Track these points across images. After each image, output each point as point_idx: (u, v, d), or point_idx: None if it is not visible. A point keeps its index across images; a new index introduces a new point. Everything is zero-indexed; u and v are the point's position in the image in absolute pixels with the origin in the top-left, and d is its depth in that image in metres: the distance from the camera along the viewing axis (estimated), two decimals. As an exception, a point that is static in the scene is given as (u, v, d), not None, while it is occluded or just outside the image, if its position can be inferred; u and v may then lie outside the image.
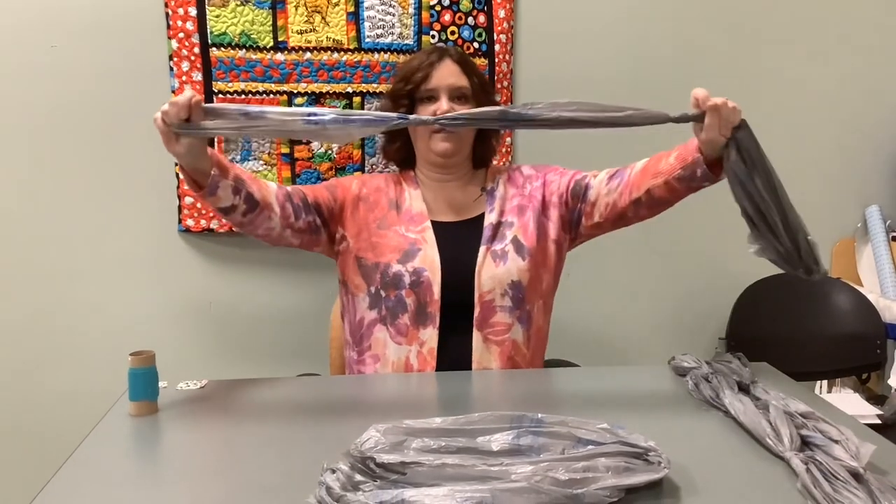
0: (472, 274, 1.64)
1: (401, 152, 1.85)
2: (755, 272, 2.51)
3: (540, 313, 1.72)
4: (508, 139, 2.33)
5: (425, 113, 1.70)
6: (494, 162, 1.94)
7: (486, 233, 1.71)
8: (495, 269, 1.65)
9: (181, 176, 2.14)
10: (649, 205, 1.63)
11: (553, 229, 1.75)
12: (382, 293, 1.65)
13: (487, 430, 1.06)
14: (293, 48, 2.15)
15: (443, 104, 1.71)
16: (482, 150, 1.84)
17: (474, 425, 1.07)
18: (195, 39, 2.10)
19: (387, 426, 1.04)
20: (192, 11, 2.09)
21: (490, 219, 1.73)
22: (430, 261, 1.64)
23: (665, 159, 1.58)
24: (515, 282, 1.65)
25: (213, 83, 2.12)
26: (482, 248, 1.68)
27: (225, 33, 2.11)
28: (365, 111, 1.80)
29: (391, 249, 1.67)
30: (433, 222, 1.72)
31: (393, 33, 2.20)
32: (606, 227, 1.75)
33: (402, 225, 1.71)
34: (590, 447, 1.04)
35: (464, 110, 1.56)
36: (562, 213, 1.76)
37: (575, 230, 1.78)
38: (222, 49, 2.11)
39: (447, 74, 1.73)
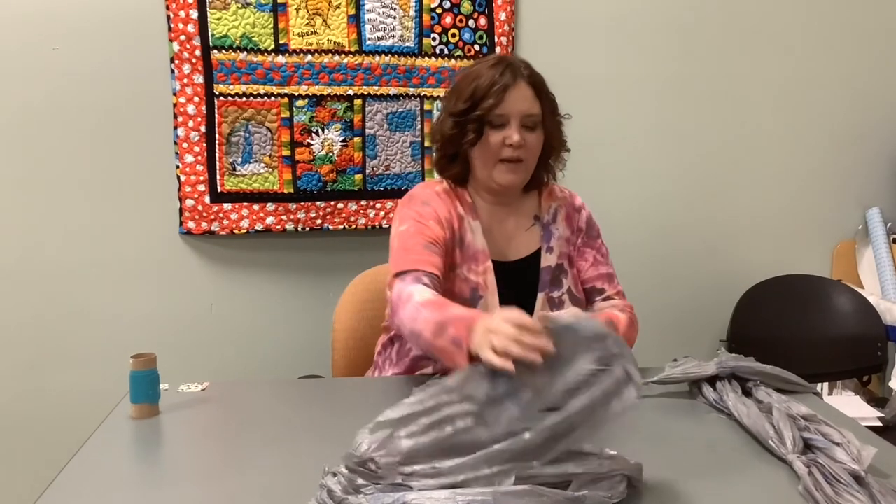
0: None
1: (458, 170, 1.64)
2: (756, 274, 2.52)
3: None
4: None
5: (494, 139, 1.54)
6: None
7: (544, 277, 1.60)
8: None
9: (181, 178, 2.14)
10: None
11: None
12: None
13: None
14: (294, 51, 2.15)
15: (514, 135, 1.54)
16: (542, 172, 1.68)
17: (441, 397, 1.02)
18: (196, 42, 2.11)
19: (371, 425, 1.02)
20: (194, 14, 2.09)
21: (548, 261, 1.62)
22: (490, 311, 1.44)
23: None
24: None
25: (215, 86, 2.12)
26: (540, 296, 1.59)
27: (226, 36, 2.11)
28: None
29: (452, 296, 1.49)
30: (493, 262, 1.58)
31: (394, 36, 2.21)
32: None
33: (465, 265, 1.56)
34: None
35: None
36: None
37: None
38: (223, 52, 2.12)
39: (521, 99, 1.56)
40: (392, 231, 1.58)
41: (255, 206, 2.20)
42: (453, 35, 2.25)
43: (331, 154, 2.21)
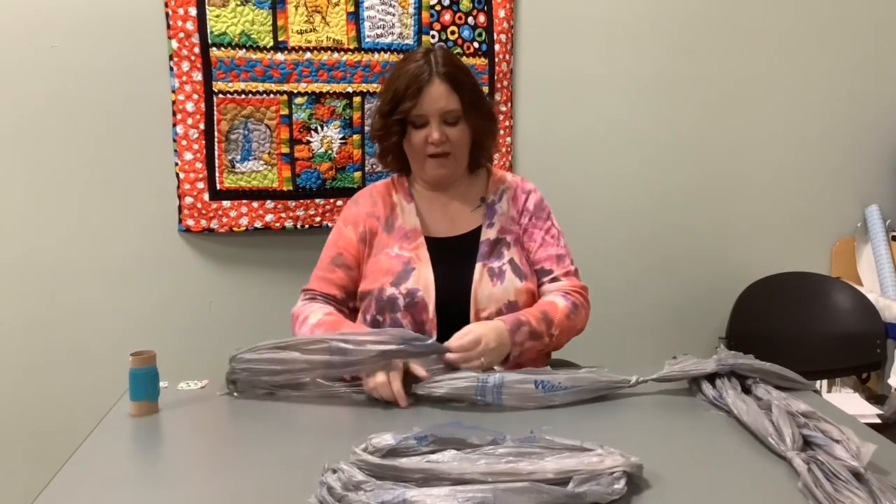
0: (467, 291, 1.61)
1: (396, 163, 1.77)
2: (755, 272, 2.52)
3: None
4: (508, 139, 2.33)
5: (417, 139, 1.64)
6: (497, 165, 1.89)
7: (483, 248, 1.66)
8: (492, 288, 1.61)
9: (180, 176, 2.14)
10: None
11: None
12: (379, 318, 1.62)
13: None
14: (293, 48, 2.15)
15: (433, 133, 1.62)
16: (477, 154, 1.75)
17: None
18: (195, 39, 2.10)
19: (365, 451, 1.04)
20: (193, 11, 2.09)
21: (488, 234, 1.68)
22: (424, 280, 1.60)
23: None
24: (512, 302, 1.61)
25: (213, 83, 2.12)
26: (478, 265, 1.64)
27: (225, 33, 2.11)
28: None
29: (383, 273, 1.63)
30: (427, 238, 1.68)
31: (393, 33, 2.20)
32: None
33: (396, 244, 1.67)
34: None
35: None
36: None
37: None
38: (222, 49, 2.11)
39: (436, 98, 1.61)
40: None
41: (255, 204, 2.20)
42: (452, 32, 2.25)
43: (330, 151, 2.21)
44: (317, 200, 2.23)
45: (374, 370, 1.37)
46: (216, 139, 2.15)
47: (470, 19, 2.25)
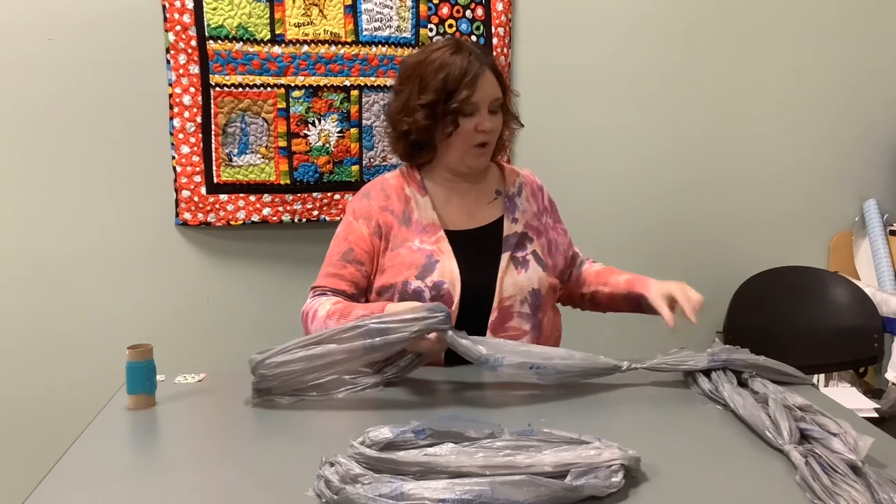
0: (493, 281, 1.61)
1: (421, 154, 1.71)
2: (753, 266, 2.52)
3: (550, 324, 1.71)
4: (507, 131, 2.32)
5: (468, 127, 1.61)
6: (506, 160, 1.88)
7: (510, 241, 1.66)
8: (517, 276, 1.63)
9: (177, 169, 2.13)
10: (592, 302, 1.83)
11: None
12: None
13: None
14: (291, 41, 2.14)
15: (486, 122, 1.62)
16: (497, 148, 1.74)
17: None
18: (192, 32, 2.10)
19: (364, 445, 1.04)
20: (189, 4, 2.08)
21: (514, 228, 1.68)
22: (449, 273, 1.59)
23: (616, 276, 1.76)
24: (535, 290, 1.63)
25: (210, 76, 2.11)
26: (505, 255, 1.64)
27: (222, 26, 2.10)
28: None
29: (407, 266, 1.60)
30: (446, 231, 1.65)
31: (391, 26, 2.20)
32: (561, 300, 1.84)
33: (416, 238, 1.64)
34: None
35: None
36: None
37: None
38: (219, 42, 2.11)
39: (489, 87, 1.62)
40: None
41: (252, 198, 2.19)
42: (450, 26, 2.24)
43: (327, 145, 2.20)
44: (314, 194, 2.22)
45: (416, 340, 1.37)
46: (213, 132, 2.14)
47: (468, 13, 2.25)
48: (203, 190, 2.17)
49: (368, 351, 1.34)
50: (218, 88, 2.12)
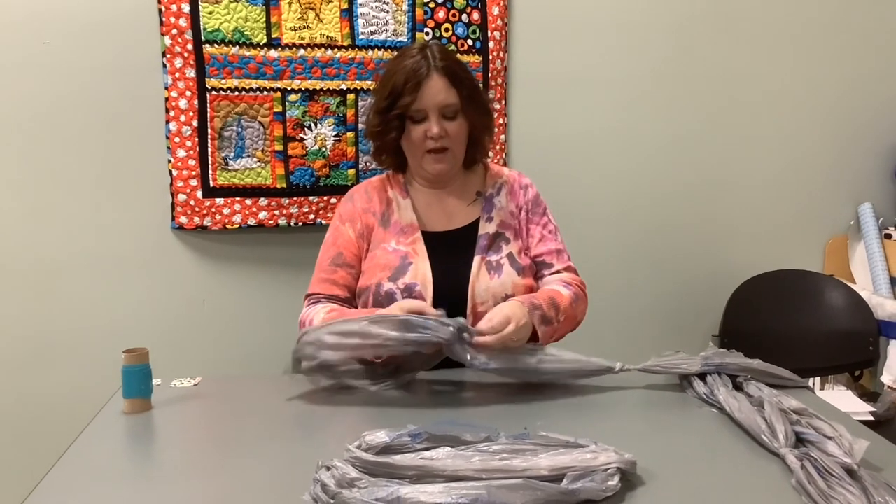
0: (465, 285, 1.61)
1: (392, 160, 1.76)
2: (748, 270, 2.52)
3: None
4: (502, 136, 2.33)
5: (416, 133, 1.63)
6: (492, 161, 1.89)
7: (481, 242, 1.66)
8: (490, 282, 1.61)
9: (173, 173, 2.13)
10: None
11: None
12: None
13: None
14: (287, 45, 2.14)
15: (433, 128, 1.61)
16: (473, 152, 1.75)
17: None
18: (188, 36, 2.09)
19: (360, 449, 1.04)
20: (186, 8, 2.08)
21: (487, 228, 1.68)
22: (421, 275, 1.60)
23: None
24: (509, 296, 1.60)
25: (207, 80, 2.11)
26: (476, 258, 1.64)
27: (218, 30, 2.10)
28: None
29: (381, 268, 1.62)
30: (424, 233, 1.67)
31: (387, 30, 2.20)
32: None
33: (392, 239, 1.66)
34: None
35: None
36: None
37: None
38: (216, 46, 2.11)
39: (435, 92, 1.61)
40: None
41: (248, 201, 2.19)
42: (446, 30, 2.25)
43: (324, 149, 2.20)
44: (310, 198, 2.22)
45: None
46: (209, 136, 2.14)
47: (464, 16, 2.25)
48: (199, 194, 2.16)
49: (406, 344, 1.37)
50: (214, 92, 2.12)
